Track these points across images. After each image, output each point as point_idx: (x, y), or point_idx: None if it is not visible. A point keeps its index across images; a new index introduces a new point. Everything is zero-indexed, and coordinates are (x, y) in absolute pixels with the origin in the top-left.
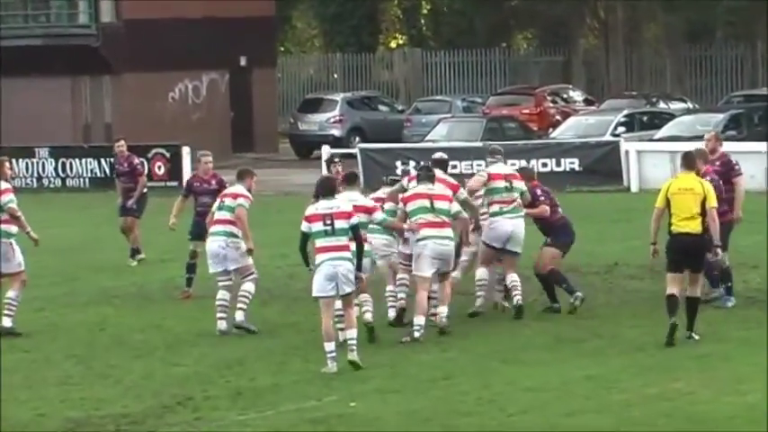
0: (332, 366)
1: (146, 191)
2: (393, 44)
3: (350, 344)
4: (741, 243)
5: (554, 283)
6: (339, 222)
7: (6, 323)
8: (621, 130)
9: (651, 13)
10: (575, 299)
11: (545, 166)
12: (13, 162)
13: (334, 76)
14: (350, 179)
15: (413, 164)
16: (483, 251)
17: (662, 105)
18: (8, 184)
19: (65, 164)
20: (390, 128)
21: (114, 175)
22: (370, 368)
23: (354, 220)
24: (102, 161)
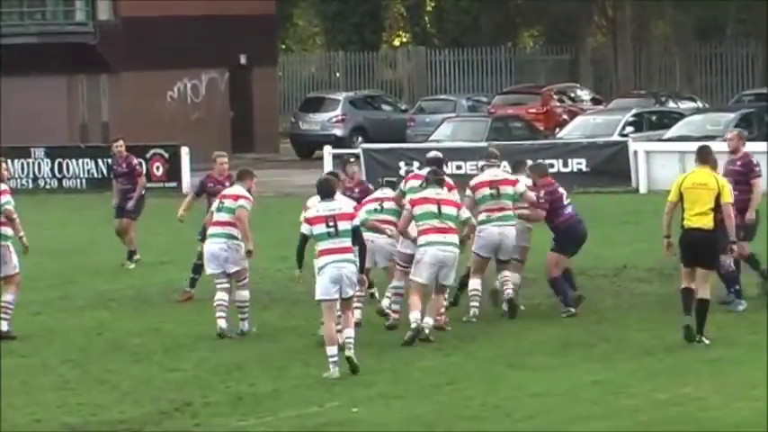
0: (334, 371)
1: (143, 192)
2: (396, 42)
3: (347, 342)
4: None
5: (554, 292)
6: (342, 224)
7: (3, 327)
8: (630, 129)
9: (660, 10)
10: (565, 311)
11: (552, 166)
12: (9, 162)
13: (337, 74)
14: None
15: (416, 164)
16: (474, 261)
17: (671, 104)
18: (6, 186)
19: (61, 164)
20: (393, 128)
21: (111, 175)
22: (372, 373)
23: (357, 221)
24: (100, 161)
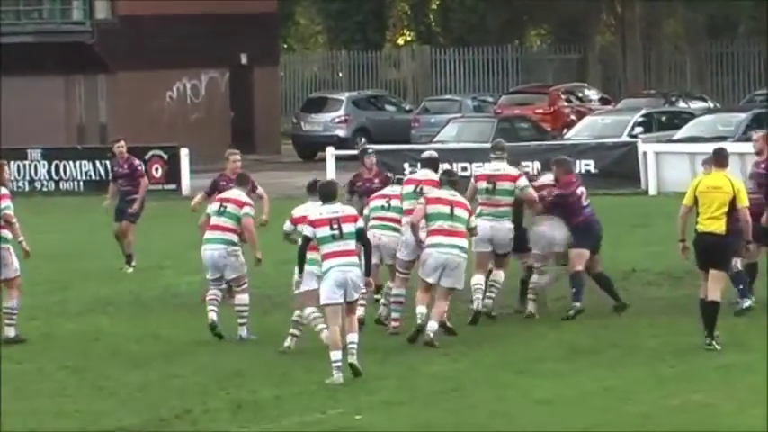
0: (337, 377)
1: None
2: (400, 41)
3: (350, 347)
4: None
5: (571, 285)
6: (346, 226)
7: (10, 333)
8: (639, 130)
9: (670, 8)
10: (572, 308)
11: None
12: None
13: (339, 74)
14: (312, 188)
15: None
16: (475, 256)
17: (681, 104)
18: (6, 190)
19: (58, 166)
20: (397, 128)
21: (111, 177)
22: (376, 379)
23: (360, 223)
24: (97, 163)
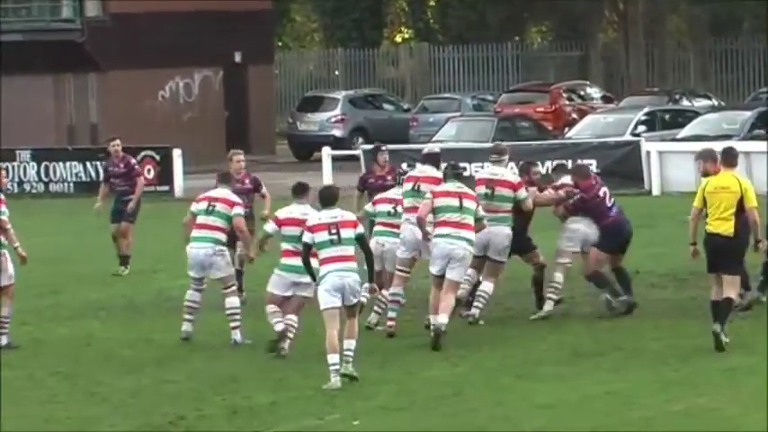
0: (335, 381)
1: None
2: (398, 38)
3: (347, 355)
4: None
5: (597, 286)
6: (345, 231)
7: (3, 341)
8: (642, 129)
9: (674, 4)
10: (618, 302)
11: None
12: None
13: (336, 72)
14: (297, 190)
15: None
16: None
17: (685, 103)
18: (2, 195)
19: (48, 167)
20: (395, 128)
21: (104, 177)
22: (374, 384)
23: (360, 229)
24: (88, 164)
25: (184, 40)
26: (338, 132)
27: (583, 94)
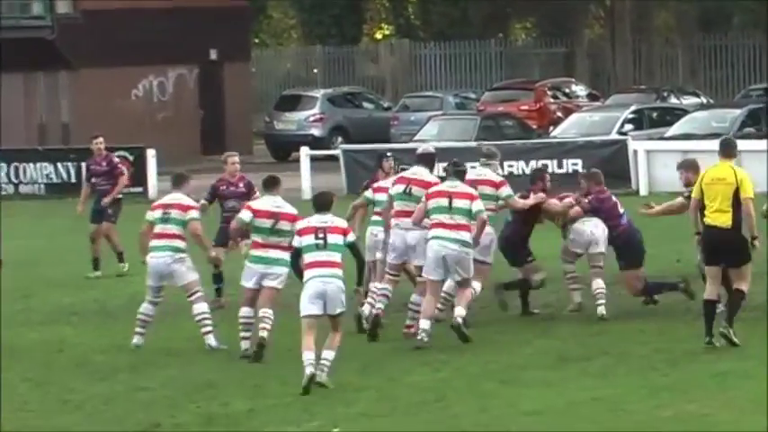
0: (309, 372)
1: (121, 196)
2: (379, 35)
3: (323, 364)
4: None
5: (654, 294)
6: (333, 237)
7: None
8: (629, 127)
9: None
10: (681, 288)
11: (545, 167)
12: None
13: (314, 70)
14: (268, 183)
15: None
16: None
17: (673, 100)
18: None
19: (17, 168)
20: (376, 127)
21: (86, 176)
22: (354, 390)
23: (351, 237)
24: (59, 165)
25: (158, 37)
26: (317, 132)
27: (568, 91)
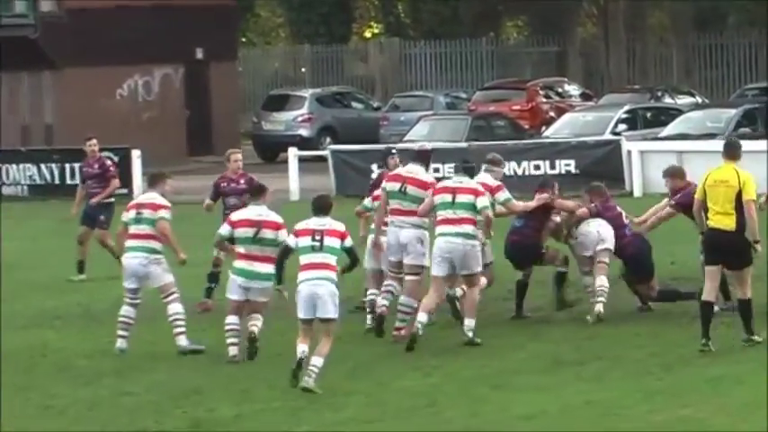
0: (299, 356)
1: (113, 199)
2: (368, 34)
3: (311, 369)
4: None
5: (670, 300)
6: (329, 240)
7: None
8: (623, 127)
9: None
10: (697, 299)
11: (537, 168)
12: None
13: (302, 69)
14: (254, 192)
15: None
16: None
17: (668, 100)
18: None
19: (0, 169)
20: (365, 127)
21: (81, 178)
22: (343, 395)
23: (349, 242)
24: (42, 166)
25: (144, 36)
26: (305, 132)
27: (561, 91)
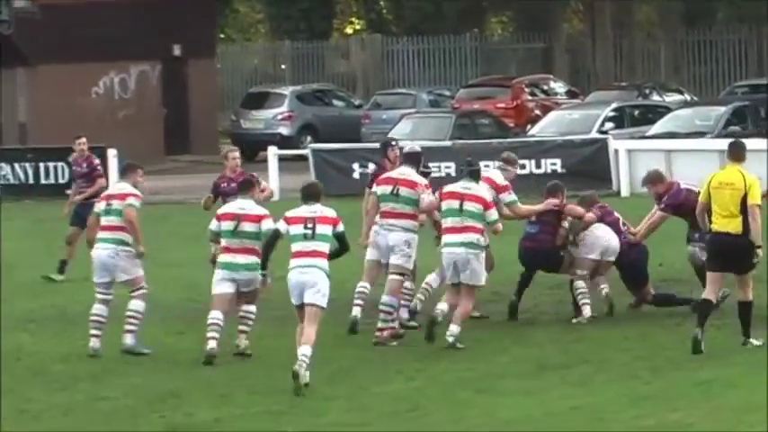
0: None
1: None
2: (349, 30)
3: (301, 360)
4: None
5: (668, 305)
6: (321, 227)
7: None
8: (610, 126)
9: None
10: (692, 306)
11: (523, 167)
12: None
13: (282, 66)
14: (241, 186)
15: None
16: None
17: (656, 97)
18: None
19: None
20: (346, 125)
21: (72, 177)
22: (324, 400)
23: (340, 227)
24: (16, 166)
25: (120, 32)
26: (285, 130)
27: (546, 88)
